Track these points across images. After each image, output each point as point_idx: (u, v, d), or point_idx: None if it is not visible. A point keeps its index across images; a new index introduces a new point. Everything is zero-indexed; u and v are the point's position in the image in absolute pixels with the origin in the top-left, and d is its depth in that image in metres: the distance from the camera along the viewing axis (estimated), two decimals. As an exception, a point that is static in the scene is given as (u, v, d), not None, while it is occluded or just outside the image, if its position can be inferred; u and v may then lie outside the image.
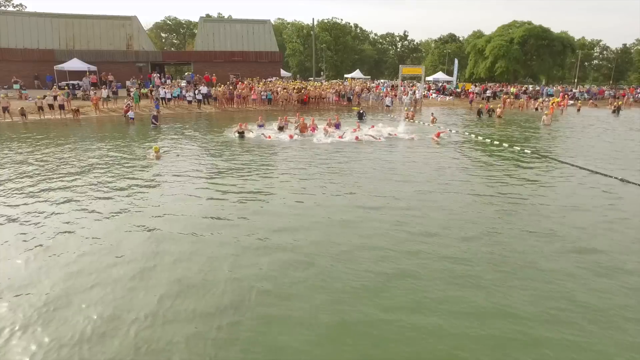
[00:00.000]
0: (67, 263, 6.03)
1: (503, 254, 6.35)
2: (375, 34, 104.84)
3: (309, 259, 6.14)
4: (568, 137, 19.11)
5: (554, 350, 4.25)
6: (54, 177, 10.75)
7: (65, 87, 29.77)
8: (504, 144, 16.16)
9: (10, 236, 6.98)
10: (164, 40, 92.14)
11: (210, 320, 4.70)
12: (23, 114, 23.16)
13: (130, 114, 23.10)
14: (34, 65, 32.29)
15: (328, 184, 10.17)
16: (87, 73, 32.01)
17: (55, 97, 25.08)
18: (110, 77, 32.21)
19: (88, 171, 11.44)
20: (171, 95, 29.53)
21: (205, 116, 26.81)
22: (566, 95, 38.46)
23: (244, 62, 37.53)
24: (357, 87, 36.39)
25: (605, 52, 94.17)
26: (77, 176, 10.88)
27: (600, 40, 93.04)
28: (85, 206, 8.47)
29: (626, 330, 4.57)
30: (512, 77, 65.52)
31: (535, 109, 32.65)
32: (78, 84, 31.14)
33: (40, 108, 24.30)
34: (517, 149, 15.29)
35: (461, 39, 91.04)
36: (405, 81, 44.28)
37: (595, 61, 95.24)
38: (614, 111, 31.16)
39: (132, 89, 29.70)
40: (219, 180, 10.61)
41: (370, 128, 18.73)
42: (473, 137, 18.40)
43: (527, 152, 14.70)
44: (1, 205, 8.55)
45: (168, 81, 34.94)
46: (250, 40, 39.70)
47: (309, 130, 17.98)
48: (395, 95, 34.20)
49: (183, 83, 35.08)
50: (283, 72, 46.37)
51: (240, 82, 33.47)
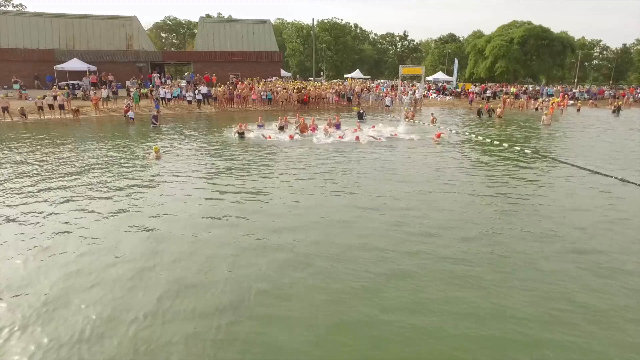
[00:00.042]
0: (66, 263, 6.02)
1: (503, 254, 6.34)
2: (375, 34, 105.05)
3: (308, 259, 6.13)
4: (568, 137, 19.11)
5: (554, 350, 4.24)
6: (53, 177, 10.74)
7: (65, 87, 29.78)
8: (504, 144, 16.15)
9: (9, 236, 6.97)
10: (164, 40, 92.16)
11: (210, 320, 4.69)
12: (23, 114, 23.15)
13: (130, 114, 23.11)
14: (34, 65, 32.30)
15: (328, 184, 10.16)
16: (87, 73, 32.02)
17: (55, 97, 25.09)
18: (110, 77, 32.22)
19: (88, 171, 11.44)
20: (171, 95, 29.54)
21: (205, 116, 26.80)
22: (566, 95, 38.46)
23: (244, 62, 37.54)
24: (357, 87, 36.39)
25: (605, 52, 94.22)
26: (76, 176, 10.88)
27: (600, 40, 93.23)
28: (85, 206, 8.46)
29: (626, 331, 4.56)
30: (512, 77, 65.53)
31: (536, 109, 32.64)
32: (78, 84, 31.16)
33: (40, 108, 24.30)
34: (517, 149, 15.29)
35: (461, 39, 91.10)
36: (405, 81, 44.27)
37: (595, 61, 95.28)
38: (614, 111, 31.15)
39: (132, 89, 29.71)
40: (219, 181, 10.60)
41: (371, 128, 18.73)
42: (473, 137, 18.40)
43: (527, 152, 14.70)
44: (0, 205, 8.54)
45: (168, 81, 34.95)
46: (250, 40, 39.71)
47: (309, 130, 17.97)
48: (395, 95, 34.18)
49: (183, 83, 35.09)
50: (283, 72, 46.38)
51: (240, 82, 33.48)
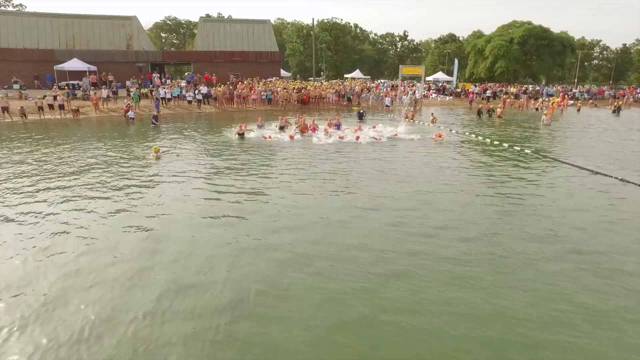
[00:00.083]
0: (66, 263, 6.01)
1: (503, 254, 6.33)
2: (375, 34, 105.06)
3: (307, 259, 6.13)
4: (568, 137, 19.10)
5: (553, 351, 4.23)
6: (53, 177, 10.73)
7: (65, 87, 29.78)
8: (504, 144, 16.14)
9: (8, 236, 6.96)
10: (164, 40, 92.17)
11: (209, 321, 4.68)
12: (23, 113, 23.15)
13: (130, 114, 23.11)
14: (34, 65, 32.31)
15: (328, 184, 10.16)
16: (87, 73, 32.02)
17: (55, 97, 25.09)
18: (110, 77, 32.22)
19: (87, 171, 11.43)
20: (171, 95, 29.54)
21: (205, 116, 26.80)
22: (566, 95, 38.46)
23: (244, 62, 37.54)
24: (357, 87, 36.38)
25: (605, 52, 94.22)
26: (76, 176, 10.87)
27: (600, 40, 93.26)
28: (84, 206, 8.45)
29: (626, 332, 4.55)
30: (512, 77, 65.53)
31: (536, 109, 32.62)
32: (78, 84, 31.16)
33: (40, 108, 24.30)
34: (517, 149, 15.28)
35: (461, 39, 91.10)
36: (405, 81, 44.26)
37: (595, 61, 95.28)
38: (614, 111, 31.14)
39: (132, 89, 29.71)
40: (219, 181, 10.59)
41: (371, 128, 18.72)
42: (473, 137, 18.39)
43: (527, 152, 14.69)
44: None
45: (168, 81, 34.94)
46: (250, 40, 39.70)
47: (310, 130, 17.96)
48: (395, 95, 34.17)
49: (183, 83, 35.09)
50: (283, 72, 46.38)
51: (240, 82, 33.48)
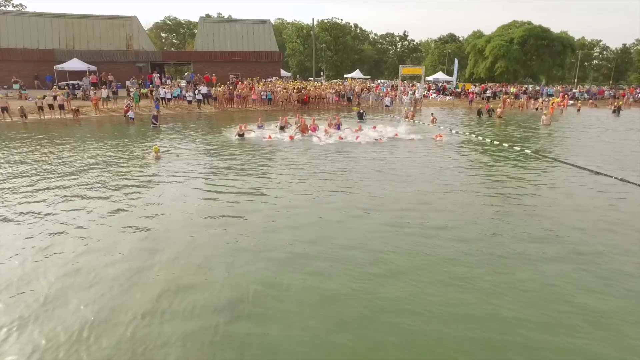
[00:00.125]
0: (65, 263, 6.00)
1: (503, 255, 6.32)
2: (375, 34, 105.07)
3: (307, 259, 6.12)
4: (568, 137, 19.10)
5: (553, 353, 4.22)
6: (52, 177, 10.72)
7: (65, 87, 29.78)
8: (504, 144, 16.14)
9: (7, 236, 6.95)
10: (163, 40, 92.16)
11: (207, 321, 4.68)
12: (23, 113, 23.14)
13: (130, 114, 23.11)
14: (34, 65, 32.31)
15: (328, 184, 10.15)
16: (87, 73, 32.01)
17: (55, 97, 25.08)
18: (110, 77, 32.22)
19: (87, 171, 11.42)
20: (171, 95, 29.53)
21: (205, 116, 26.80)
22: (566, 95, 38.46)
23: (244, 62, 37.54)
24: (357, 87, 36.38)
25: (605, 52, 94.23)
26: (75, 176, 10.87)
27: (600, 40, 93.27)
28: (84, 206, 8.45)
29: (626, 333, 4.54)
30: (512, 77, 65.53)
31: (536, 109, 32.62)
32: (78, 84, 31.16)
33: (40, 108, 24.30)
34: (517, 149, 15.28)
35: (461, 39, 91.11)
36: (405, 81, 44.27)
37: (595, 61, 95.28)
38: (614, 111, 31.14)
39: (132, 89, 29.70)
40: (218, 181, 10.59)
41: (372, 129, 18.71)
42: (473, 137, 18.39)
43: (527, 152, 14.69)
44: None
45: (168, 81, 34.94)
46: (250, 40, 39.70)
47: (310, 130, 17.96)
48: (395, 95, 34.17)
49: (183, 83, 35.08)
50: (283, 72, 46.37)
51: (240, 82, 33.47)
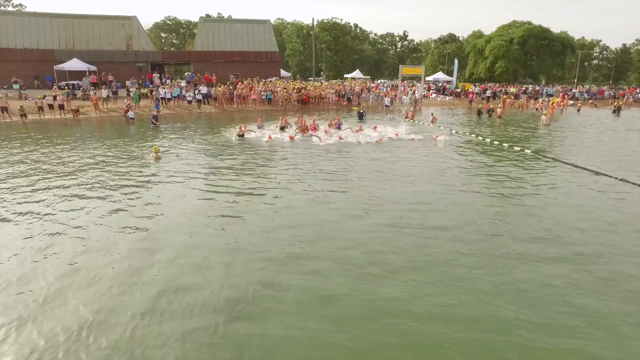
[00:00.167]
0: (64, 263, 6.01)
1: (503, 256, 6.32)
2: (375, 34, 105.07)
3: (306, 259, 6.12)
4: (568, 138, 19.10)
5: (553, 354, 4.22)
6: (52, 177, 10.72)
7: (65, 87, 29.77)
8: (504, 144, 16.15)
9: (6, 236, 6.95)
10: (163, 40, 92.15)
11: (206, 320, 4.69)
12: (23, 113, 23.13)
13: (130, 114, 23.11)
14: (34, 65, 32.30)
15: (328, 185, 10.15)
16: (87, 73, 32.01)
17: (55, 97, 25.08)
18: (110, 77, 32.21)
19: (86, 171, 11.42)
20: (171, 95, 29.53)
21: (205, 116, 26.79)
22: (566, 96, 38.47)
23: (244, 62, 37.53)
24: (357, 87, 36.38)
25: (605, 52, 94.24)
26: (75, 176, 10.86)
27: (600, 40, 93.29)
28: (83, 206, 8.44)
29: (627, 334, 4.53)
30: (512, 77, 65.53)
31: (536, 109, 32.61)
32: (78, 84, 31.15)
33: (40, 108, 24.28)
34: (517, 149, 15.28)
35: (461, 39, 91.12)
36: (405, 81, 44.28)
37: (595, 61, 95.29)
38: (614, 111, 31.14)
39: (132, 89, 29.70)
40: (218, 181, 10.59)
41: (373, 129, 18.71)
42: (473, 137, 18.39)
43: (527, 152, 14.69)
44: None
45: (168, 81, 34.93)
46: (250, 40, 39.69)
47: (310, 130, 17.96)
48: (395, 95, 34.17)
49: (183, 83, 35.08)
50: (283, 72, 46.37)
51: (240, 82, 33.47)
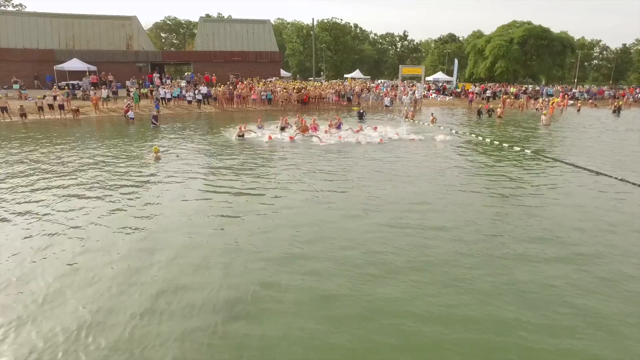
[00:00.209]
0: (63, 263, 6.01)
1: (503, 256, 6.32)
2: (375, 34, 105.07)
3: (305, 260, 6.12)
4: (568, 138, 19.09)
5: (553, 355, 4.22)
6: (51, 177, 10.72)
7: (65, 87, 29.76)
8: (504, 145, 16.15)
9: (5, 236, 6.95)
10: (163, 40, 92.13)
11: (205, 321, 4.69)
12: (23, 113, 23.12)
13: (130, 114, 23.11)
14: (34, 65, 32.29)
15: (327, 185, 10.15)
16: (87, 73, 32.00)
17: (55, 97, 25.07)
18: (110, 77, 32.21)
19: (86, 171, 11.41)
20: (171, 95, 29.52)
21: (205, 116, 26.79)
22: (566, 96, 38.47)
23: (244, 62, 37.53)
24: (357, 87, 36.38)
25: (605, 52, 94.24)
26: (75, 176, 10.86)
27: (600, 40, 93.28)
28: (83, 206, 8.44)
29: (627, 336, 4.53)
30: (512, 77, 65.53)
31: (536, 109, 32.60)
32: (78, 84, 31.14)
33: (40, 108, 24.28)
34: (517, 149, 15.28)
35: (461, 39, 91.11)
36: (405, 81, 44.28)
37: (595, 61, 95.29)
38: (614, 111, 31.14)
39: (132, 89, 29.70)
40: (218, 181, 10.59)
41: (373, 129, 18.72)
42: (473, 137, 18.39)
43: (527, 152, 14.70)
44: None
45: (168, 81, 34.92)
46: (250, 40, 39.69)
47: (310, 130, 17.96)
48: (395, 95, 34.17)
49: (183, 83, 35.07)
50: (283, 72, 46.36)
51: (240, 82, 33.47)
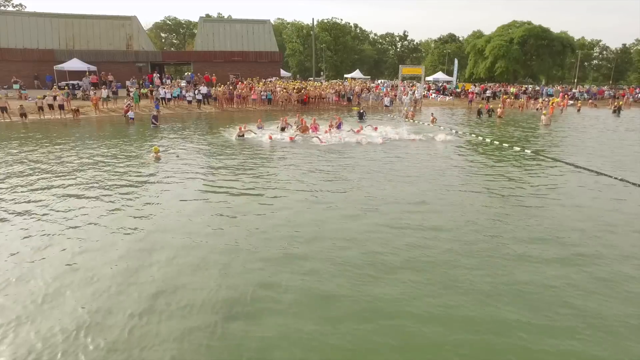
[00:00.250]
0: (62, 262, 6.01)
1: (503, 257, 6.32)
2: (375, 34, 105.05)
3: (305, 260, 6.12)
4: (568, 138, 19.09)
5: (553, 355, 4.22)
6: (51, 177, 10.72)
7: (65, 87, 29.76)
8: (504, 144, 16.15)
9: (5, 236, 6.95)
10: (163, 40, 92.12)
11: (204, 321, 4.70)
12: (23, 113, 23.11)
13: (130, 114, 23.10)
14: (34, 65, 32.29)
15: (327, 185, 10.15)
16: (87, 73, 32.00)
17: (55, 97, 25.06)
18: (110, 77, 32.21)
19: (86, 171, 11.41)
20: (171, 95, 29.52)
21: (205, 116, 26.79)
22: (566, 96, 38.48)
23: (244, 62, 37.54)
24: (356, 87, 36.38)
25: (604, 52, 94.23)
26: (74, 176, 10.86)
27: (600, 40, 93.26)
28: (82, 206, 8.45)
29: (627, 337, 4.53)
30: (511, 77, 65.53)
31: (536, 109, 32.60)
32: (78, 84, 31.14)
33: (40, 108, 24.27)
34: (517, 149, 15.28)
35: (461, 39, 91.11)
36: (405, 81, 44.27)
37: (595, 61, 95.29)
38: (614, 111, 31.14)
39: (132, 89, 29.69)
40: (218, 181, 10.58)
41: (374, 129, 18.72)
42: (473, 137, 18.39)
43: (528, 152, 14.70)
44: None
45: (168, 81, 34.92)
46: (250, 40, 39.69)
47: (310, 130, 17.97)
48: (395, 95, 34.17)
49: (183, 83, 35.07)
50: (283, 72, 46.37)
51: (240, 82, 33.46)
